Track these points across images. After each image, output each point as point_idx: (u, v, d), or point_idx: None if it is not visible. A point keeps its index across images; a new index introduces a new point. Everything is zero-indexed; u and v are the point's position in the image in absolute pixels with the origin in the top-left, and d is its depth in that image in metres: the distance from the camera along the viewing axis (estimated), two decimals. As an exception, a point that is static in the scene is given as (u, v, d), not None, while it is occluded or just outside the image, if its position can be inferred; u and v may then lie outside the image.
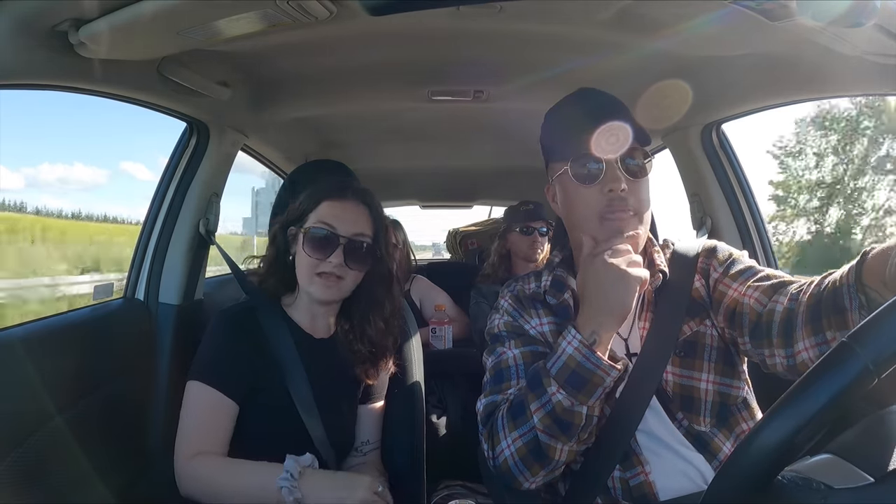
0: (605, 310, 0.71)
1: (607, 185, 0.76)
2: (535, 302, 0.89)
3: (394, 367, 1.08)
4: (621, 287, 0.70)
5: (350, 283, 0.97)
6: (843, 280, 0.63)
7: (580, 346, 0.70)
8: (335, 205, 0.97)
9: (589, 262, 0.74)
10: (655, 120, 1.36)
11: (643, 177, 0.78)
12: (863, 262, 0.60)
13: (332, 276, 0.94)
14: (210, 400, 0.90)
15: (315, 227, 0.95)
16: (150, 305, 1.27)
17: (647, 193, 0.79)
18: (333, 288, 0.95)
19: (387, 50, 1.16)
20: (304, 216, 0.97)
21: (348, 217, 0.96)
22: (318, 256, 0.93)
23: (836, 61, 0.86)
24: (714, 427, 0.77)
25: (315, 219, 0.96)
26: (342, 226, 0.95)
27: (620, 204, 0.76)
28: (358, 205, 0.98)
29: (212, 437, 0.89)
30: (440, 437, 1.69)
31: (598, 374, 0.70)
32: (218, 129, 1.31)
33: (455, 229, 3.07)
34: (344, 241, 0.94)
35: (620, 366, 0.71)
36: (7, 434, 0.82)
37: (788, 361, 0.70)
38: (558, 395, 0.70)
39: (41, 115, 45.22)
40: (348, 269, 0.95)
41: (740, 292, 0.77)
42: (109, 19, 0.76)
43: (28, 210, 17.98)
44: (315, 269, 0.94)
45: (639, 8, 0.91)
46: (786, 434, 0.38)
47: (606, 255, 0.72)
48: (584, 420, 0.71)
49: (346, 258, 0.94)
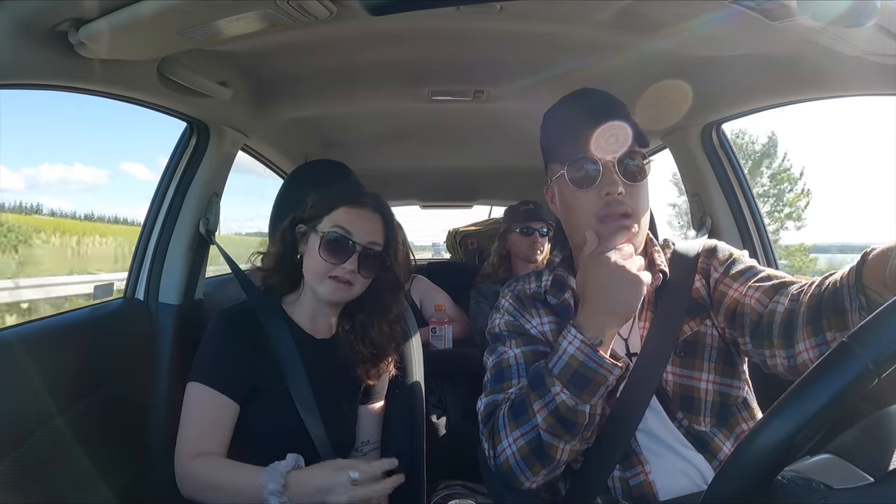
0: (608, 310, 0.71)
1: (604, 189, 0.76)
2: (535, 302, 0.89)
3: (395, 371, 1.08)
4: (628, 289, 0.70)
5: (359, 288, 0.98)
6: (844, 281, 0.63)
7: (582, 345, 0.70)
8: (352, 212, 0.97)
9: (591, 262, 0.73)
10: (655, 120, 1.36)
11: (641, 180, 0.77)
12: (863, 262, 0.60)
13: (343, 281, 0.95)
14: (210, 401, 0.90)
15: (332, 231, 0.95)
16: (150, 305, 1.27)
17: (646, 196, 0.79)
18: (343, 291, 0.96)
19: (387, 50, 1.16)
20: (318, 218, 0.97)
21: (364, 225, 0.97)
22: (334, 261, 0.94)
23: (836, 61, 0.86)
24: (714, 427, 0.77)
25: (330, 223, 0.96)
26: (358, 233, 0.96)
27: (617, 207, 0.76)
28: (374, 213, 0.99)
29: (212, 438, 0.89)
30: (440, 437, 1.69)
31: (601, 374, 0.70)
32: (218, 129, 1.31)
33: (455, 229, 3.07)
34: (360, 248, 0.95)
35: (622, 364, 0.71)
36: (7, 434, 0.82)
37: (789, 362, 0.70)
38: (562, 394, 0.70)
39: (42, 117, 45.28)
40: (359, 276, 0.96)
41: (741, 292, 0.77)
42: (109, 19, 0.76)
43: (44, 212, 17.95)
44: (328, 273, 0.94)
45: (639, 8, 0.91)
46: (786, 434, 0.38)
47: (611, 255, 0.71)
48: (587, 419, 0.71)
49: (360, 266, 0.95)
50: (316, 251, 0.95)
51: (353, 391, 1.05)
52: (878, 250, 0.58)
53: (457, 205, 3.32)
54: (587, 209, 0.78)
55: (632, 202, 0.76)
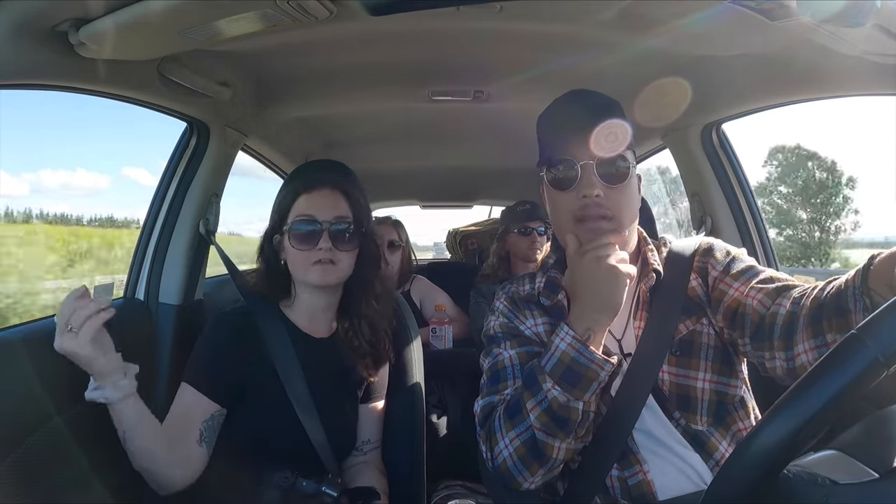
0: (596, 306, 0.72)
1: (581, 191, 0.76)
2: (529, 303, 0.89)
3: (392, 357, 1.09)
4: (612, 284, 0.71)
5: (346, 265, 0.98)
6: (849, 283, 0.63)
7: (573, 341, 0.71)
8: (310, 196, 0.98)
9: (577, 261, 0.74)
10: (655, 119, 1.37)
11: (621, 182, 0.77)
12: (869, 265, 0.60)
13: (326, 262, 0.95)
14: (193, 401, 0.91)
15: (296, 221, 0.96)
16: (150, 305, 1.27)
17: (628, 197, 0.79)
18: (331, 272, 0.96)
19: (387, 50, 1.16)
20: (284, 217, 0.98)
21: (325, 204, 0.98)
22: (307, 247, 0.95)
23: (835, 61, 0.86)
24: (711, 426, 0.77)
25: (294, 215, 0.97)
26: (321, 213, 0.97)
27: (595, 210, 0.76)
28: (332, 191, 1.00)
29: (179, 434, 0.89)
30: (440, 437, 1.70)
31: (592, 369, 0.70)
32: (218, 129, 1.31)
33: (455, 229, 3.07)
34: (326, 225, 0.96)
35: (614, 360, 0.72)
36: (7, 434, 0.82)
37: (788, 364, 0.70)
38: (553, 391, 0.71)
39: (42, 118, 45.18)
40: (339, 252, 0.96)
41: (742, 293, 0.77)
42: (110, 19, 0.76)
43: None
44: (309, 260, 0.95)
45: (639, 8, 0.91)
46: (794, 427, 0.38)
47: (594, 252, 0.72)
48: (580, 416, 0.71)
49: (333, 242, 0.96)
50: (290, 246, 0.96)
51: (355, 390, 1.05)
52: (885, 254, 0.58)
53: (456, 205, 3.32)
54: (566, 210, 0.78)
55: (612, 204, 0.76)
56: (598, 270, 0.71)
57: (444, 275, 2.20)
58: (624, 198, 0.78)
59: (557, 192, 0.79)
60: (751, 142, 17.35)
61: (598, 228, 0.76)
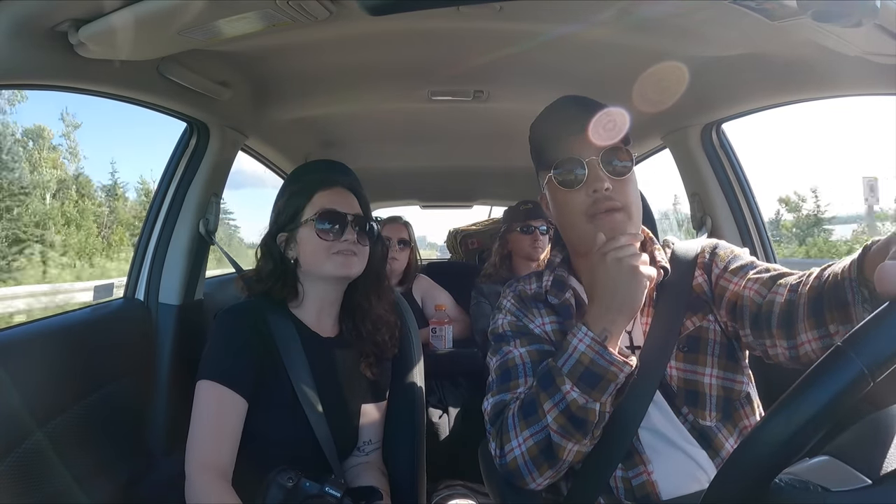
0: (615, 307, 0.72)
1: (591, 186, 0.77)
2: (537, 302, 0.89)
3: (396, 350, 1.10)
4: (632, 285, 0.71)
5: (363, 259, 1.00)
6: (845, 273, 0.62)
7: (592, 343, 0.71)
8: (328, 192, 1.00)
9: (600, 261, 0.74)
10: (655, 119, 1.37)
11: (626, 174, 0.79)
12: (864, 255, 0.60)
13: (349, 254, 0.97)
14: (220, 398, 0.88)
15: (320, 214, 0.97)
16: (150, 305, 1.27)
17: (634, 191, 0.80)
18: (350, 264, 0.98)
19: (387, 50, 1.16)
20: (298, 214, 0.99)
21: (344, 201, 1.00)
22: (333, 237, 0.96)
23: (836, 61, 0.86)
24: (719, 422, 0.78)
25: (313, 210, 0.98)
26: (343, 208, 0.99)
27: (606, 203, 0.77)
28: (347, 191, 1.02)
29: (224, 443, 0.87)
30: (440, 438, 1.69)
31: (611, 371, 0.70)
32: (218, 129, 1.31)
33: (455, 229, 3.07)
34: (351, 218, 0.98)
35: (633, 361, 0.72)
36: (7, 434, 0.82)
37: (790, 353, 0.70)
38: (573, 392, 0.71)
39: (42, 118, 45.05)
40: (360, 246, 0.99)
41: (740, 285, 0.78)
42: (109, 19, 0.76)
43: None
44: (331, 250, 0.96)
45: (639, 8, 0.91)
46: (782, 438, 0.39)
47: (615, 253, 0.72)
48: (597, 417, 0.72)
49: (358, 235, 0.98)
50: (312, 237, 0.97)
51: (359, 390, 1.05)
52: (879, 242, 0.58)
53: (456, 205, 3.32)
54: (577, 208, 0.79)
55: (620, 196, 0.77)
56: (619, 271, 0.71)
57: (445, 274, 2.20)
58: (630, 189, 0.79)
59: (566, 192, 0.80)
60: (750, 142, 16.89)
61: (612, 220, 0.77)
